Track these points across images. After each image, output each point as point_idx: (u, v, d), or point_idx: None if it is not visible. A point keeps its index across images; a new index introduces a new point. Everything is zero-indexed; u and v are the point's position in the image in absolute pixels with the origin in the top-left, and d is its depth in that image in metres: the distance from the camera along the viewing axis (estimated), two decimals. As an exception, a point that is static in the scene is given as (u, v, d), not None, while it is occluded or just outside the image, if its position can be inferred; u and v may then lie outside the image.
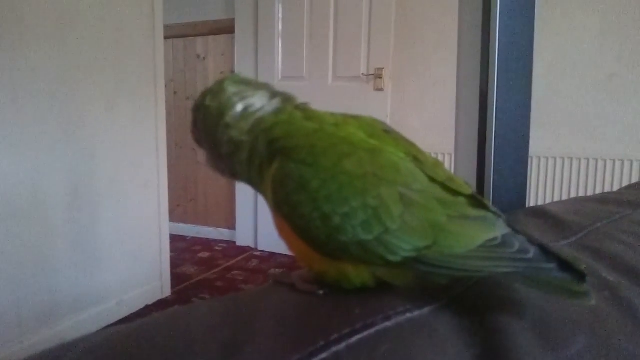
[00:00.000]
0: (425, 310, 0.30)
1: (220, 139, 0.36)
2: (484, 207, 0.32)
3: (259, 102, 0.36)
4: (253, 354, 0.23)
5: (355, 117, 0.38)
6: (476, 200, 0.32)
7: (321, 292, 0.31)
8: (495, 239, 0.30)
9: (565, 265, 0.28)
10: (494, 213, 0.32)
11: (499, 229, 0.31)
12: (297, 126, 0.35)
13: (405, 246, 0.30)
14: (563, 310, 0.30)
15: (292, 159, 0.32)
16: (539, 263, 0.29)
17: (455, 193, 0.32)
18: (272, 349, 0.24)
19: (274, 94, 0.38)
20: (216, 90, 0.37)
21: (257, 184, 0.37)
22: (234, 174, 0.39)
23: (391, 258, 0.30)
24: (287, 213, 0.32)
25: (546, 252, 0.30)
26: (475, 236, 0.30)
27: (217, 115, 0.36)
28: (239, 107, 0.36)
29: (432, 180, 0.32)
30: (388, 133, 0.36)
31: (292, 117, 0.35)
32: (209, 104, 0.37)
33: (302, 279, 0.33)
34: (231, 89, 0.37)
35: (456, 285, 0.32)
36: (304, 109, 0.37)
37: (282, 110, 0.36)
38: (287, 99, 0.38)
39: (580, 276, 0.28)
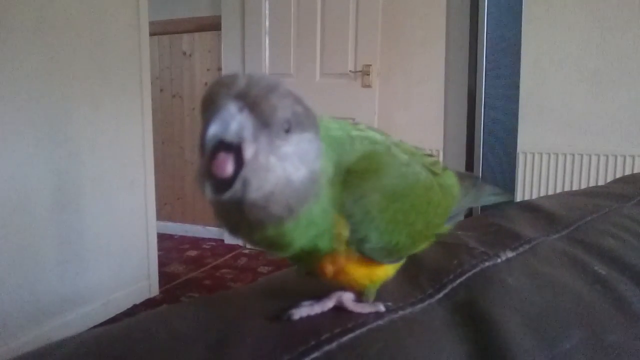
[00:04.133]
0: (418, 307, 0.29)
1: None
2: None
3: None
4: (242, 354, 0.23)
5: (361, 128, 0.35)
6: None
7: (383, 308, 0.29)
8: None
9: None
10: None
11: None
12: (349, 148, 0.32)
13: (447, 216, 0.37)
14: (556, 304, 0.30)
15: (365, 178, 0.30)
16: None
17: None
18: (261, 348, 0.23)
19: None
20: None
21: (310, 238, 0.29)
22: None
23: (443, 230, 0.36)
24: (366, 234, 0.29)
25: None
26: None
27: None
28: None
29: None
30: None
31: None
32: None
33: (354, 302, 0.30)
34: None
35: (448, 281, 0.31)
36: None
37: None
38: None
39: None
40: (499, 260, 0.35)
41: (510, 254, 0.36)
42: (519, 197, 2.40)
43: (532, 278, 0.33)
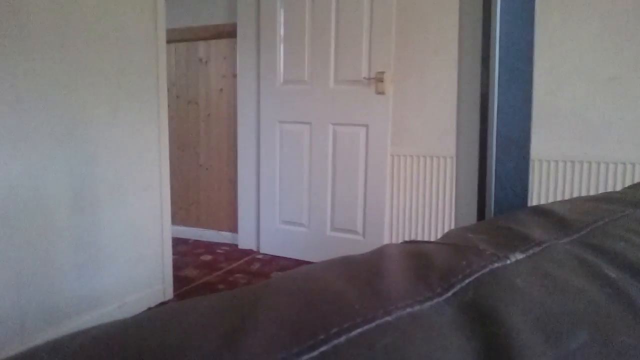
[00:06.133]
0: (426, 305, 0.30)
1: None
2: None
3: None
4: (252, 345, 0.23)
5: None
6: None
7: None
8: None
9: None
10: None
11: None
12: None
13: None
14: (564, 305, 0.30)
15: None
16: None
17: None
18: (271, 340, 0.24)
19: None
20: None
21: None
22: None
23: None
24: None
25: None
26: None
27: None
28: None
29: None
30: None
31: None
32: None
33: None
34: None
35: (457, 280, 0.32)
36: None
37: None
38: None
39: None
40: (508, 261, 0.36)
41: (519, 256, 0.37)
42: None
43: (541, 280, 0.33)
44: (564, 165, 2.33)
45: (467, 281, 0.32)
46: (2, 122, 1.54)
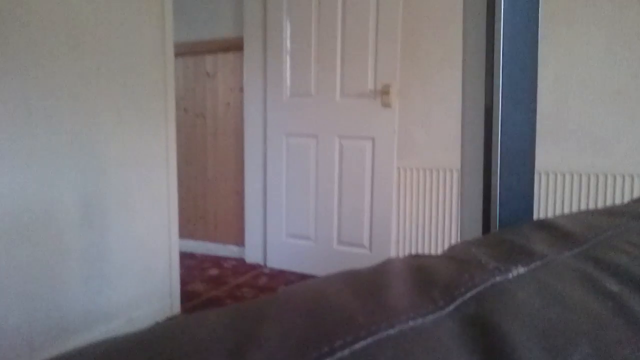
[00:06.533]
0: (429, 318, 0.30)
1: None
2: None
3: None
4: (259, 359, 0.24)
5: None
6: None
7: None
8: None
9: None
10: None
11: None
12: None
13: None
14: (565, 319, 0.31)
15: None
16: None
17: None
18: (277, 354, 0.25)
19: None
20: None
21: None
22: None
23: None
24: None
25: None
26: None
27: None
28: None
29: None
30: None
31: None
32: None
33: None
34: None
35: (459, 294, 0.32)
36: None
37: None
38: None
39: None
40: (510, 275, 0.36)
41: (522, 270, 0.37)
42: (537, 218, 2.37)
43: (543, 293, 0.34)
44: (570, 178, 2.32)
45: (469, 295, 0.33)
46: (14, 136, 1.56)
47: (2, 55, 1.52)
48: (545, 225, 0.52)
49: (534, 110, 0.97)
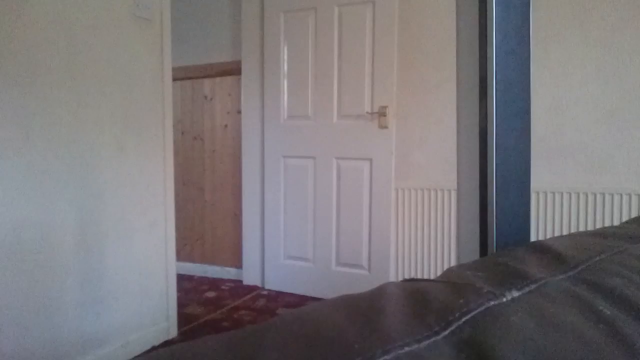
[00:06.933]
0: (424, 343, 0.30)
1: None
2: None
3: None
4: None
5: None
6: None
7: None
8: None
9: None
10: None
11: None
12: None
13: None
14: (558, 342, 0.31)
15: None
16: None
17: None
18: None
19: None
20: None
21: None
22: None
23: None
24: None
25: None
26: None
27: None
28: None
29: None
30: None
31: None
32: None
33: None
34: None
35: (454, 319, 0.33)
36: None
37: None
38: None
39: None
40: (504, 299, 0.36)
41: (515, 294, 0.38)
42: (535, 237, 2.37)
43: (536, 317, 0.34)
44: (568, 197, 2.34)
45: (463, 319, 0.33)
46: (13, 159, 1.57)
47: (2, 83, 1.54)
48: (540, 248, 0.52)
49: (528, 132, 0.99)
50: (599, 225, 2.29)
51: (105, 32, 1.90)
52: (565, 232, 2.35)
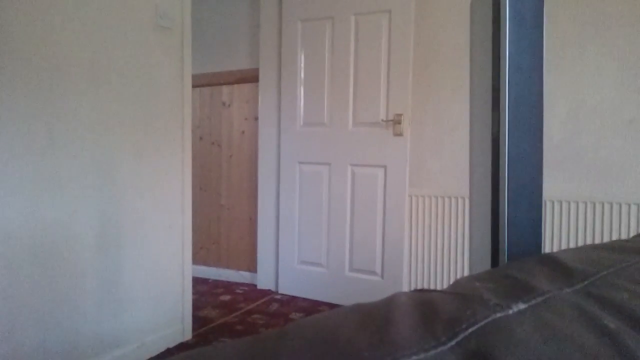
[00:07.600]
0: (431, 353, 0.32)
1: None
2: None
3: None
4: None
5: None
6: None
7: None
8: None
9: None
10: None
11: None
12: None
13: None
14: (561, 355, 0.32)
15: None
16: None
17: None
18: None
19: None
20: None
21: None
22: None
23: None
24: None
25: None
26: None
27: None
28: None
29: None
30: None
31: None
32: None
33: None
34: None
35: (461, 330, 0.34)
36: None
37: None
38: None
39: None
40: (510, 311, 0.38)
41: (522, 306, 0.39)
42: (548, 246, 2.36)
43: (541, 330, 0.35)
44: (584, 206, 2.32)
45: (470, 330, 0.35)
46: (39, 163, 1.62)
47: (29, 89, 1.59)
48: (549, 261, 0.53)
49: (540, 143, 0.99)
50: (614, 236, 2.26)
51: (128, 41, 1.94)
52: (579, 241, 2.33)
